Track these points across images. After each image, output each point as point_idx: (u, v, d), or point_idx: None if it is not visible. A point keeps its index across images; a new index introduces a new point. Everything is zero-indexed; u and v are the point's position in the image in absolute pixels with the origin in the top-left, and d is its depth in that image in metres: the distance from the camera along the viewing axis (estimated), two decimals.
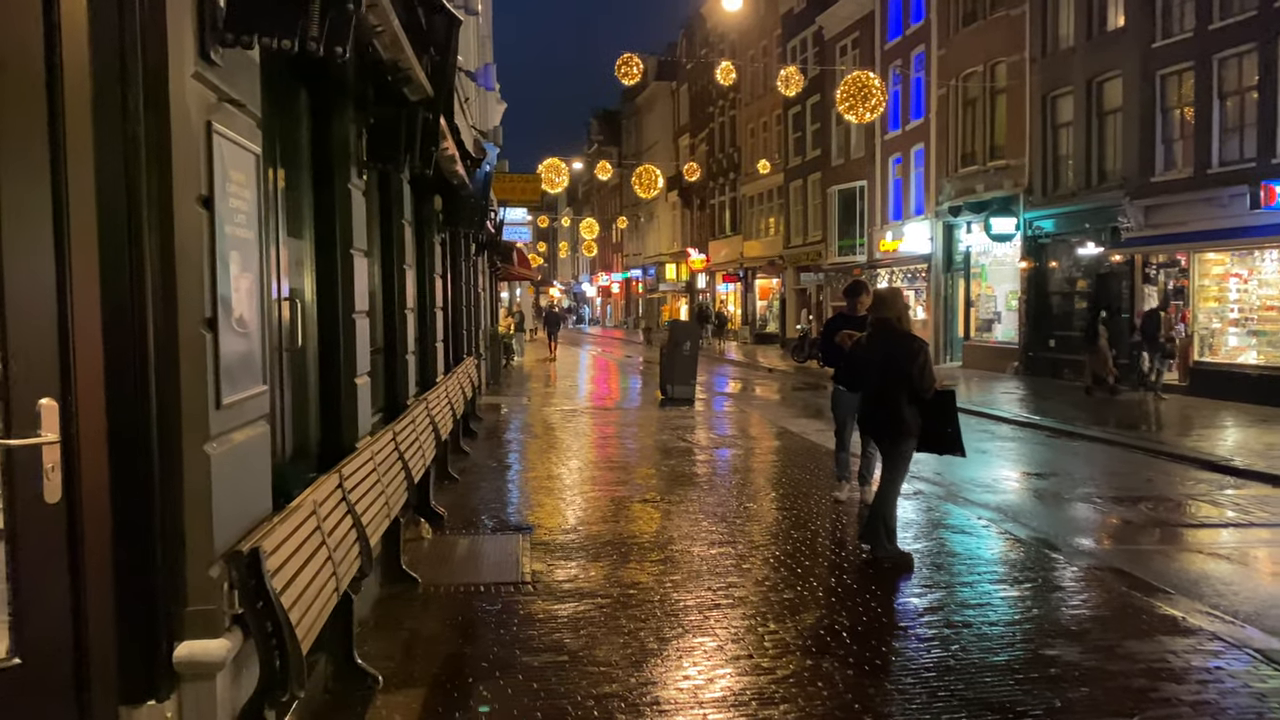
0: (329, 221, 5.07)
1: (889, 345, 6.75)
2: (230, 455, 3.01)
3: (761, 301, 45.80)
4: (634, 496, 8.92)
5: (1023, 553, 7.04)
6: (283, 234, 4.36)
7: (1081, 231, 22.52)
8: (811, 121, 38.21)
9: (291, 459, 4.46)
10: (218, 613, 2.85)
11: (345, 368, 5.17)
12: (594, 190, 77.03)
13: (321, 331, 5.04)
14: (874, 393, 6.86)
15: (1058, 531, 8.20)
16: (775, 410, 17.60)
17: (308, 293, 5.00)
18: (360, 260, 5.42)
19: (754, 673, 4.68)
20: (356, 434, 5.26)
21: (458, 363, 12.70)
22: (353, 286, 5.21)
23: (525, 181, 18.51)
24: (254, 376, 3.30)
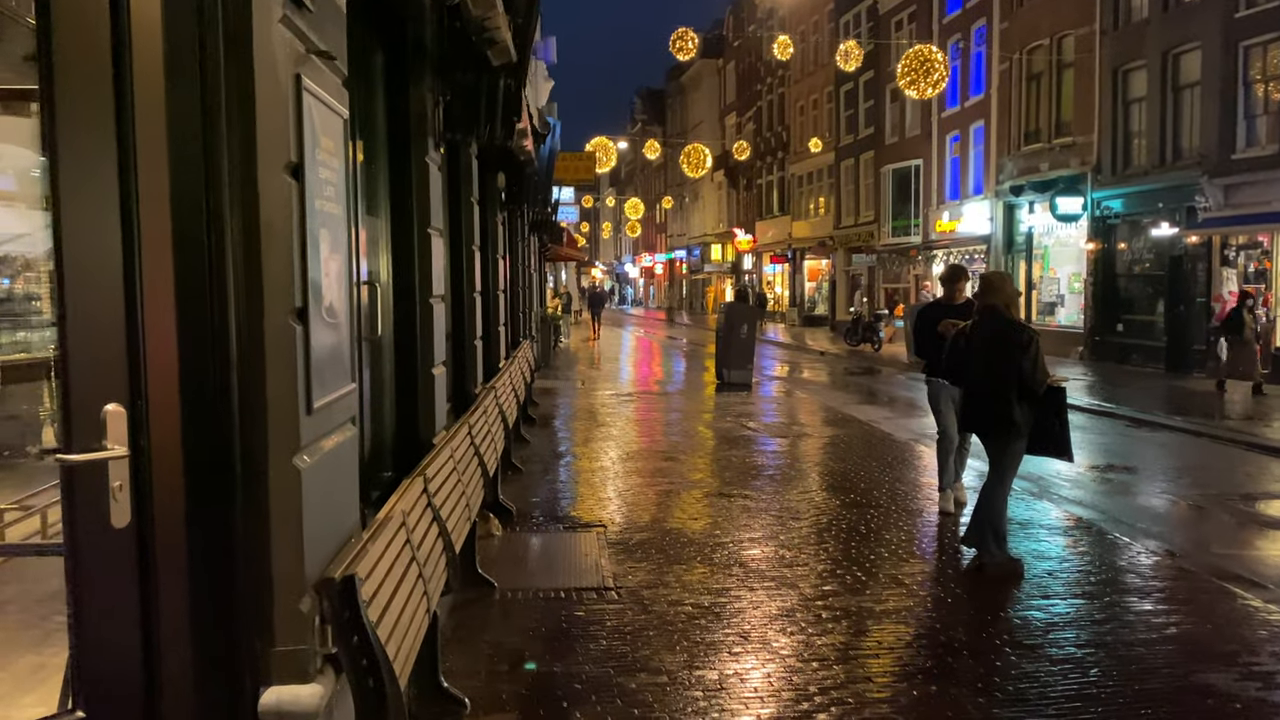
0: (406, 198, 4.65)
1: (997, 335, 6.21)
2: (321, 467, 2.59)
3: (810, 283, 45.03)
4: (705, 490, 8.46)
5: (1139, 558, 6.49)
6: (360, 212, 3.93)
7: (1154, 212, 21.61)
8: (864, 99, 37.29)
9: (370, 459, 4.06)
10: (309, 653, 2.44)
11: (423, 357, 4.76)
12: (638, 170, 76.39)
13: (398, 318, 4.63)
14: (980, 388, 6.31)
15: (1169, 534, 7.63)
16: (836, 396, 17.05)
17: (384, 275, 4.59)
18: (437, 240, 5.00)
19: (875, 702, 4.21)
20: (434, 428, 4.86)
21: (515, 347, 12.31)
22: (430, 268, 4.79)
23: (578, 160, 18.03)
24: (343, 373, 2.88)
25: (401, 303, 4.65)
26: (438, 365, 4.97)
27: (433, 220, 4.82)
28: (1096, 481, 9.84)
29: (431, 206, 4.82)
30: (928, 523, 7.43)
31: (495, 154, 7.80)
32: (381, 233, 4.58)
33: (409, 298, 4.64)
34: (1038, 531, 7.14)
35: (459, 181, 6.67)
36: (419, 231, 4.72)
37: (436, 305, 4.95)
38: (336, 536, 2.76)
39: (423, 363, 4.75)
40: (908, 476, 9.29)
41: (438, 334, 4.97)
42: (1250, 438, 12.26)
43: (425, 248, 4.75)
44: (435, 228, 4.92)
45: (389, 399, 4.66)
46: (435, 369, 4.93)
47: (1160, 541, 7.23)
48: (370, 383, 4.31)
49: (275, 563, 2.37)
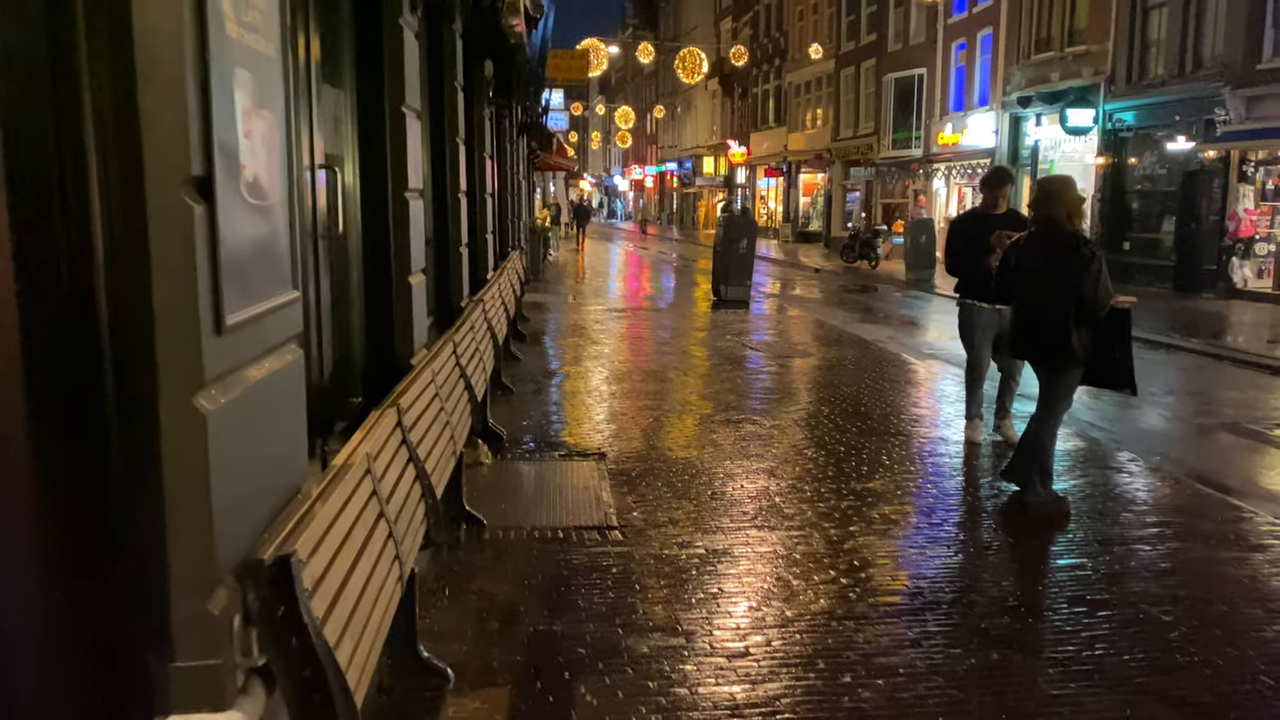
0: (375, 68, 3.84)
1: (1055, 250, 5.47)
2: (242, 405, 1.87)
3: (805, 198, 43.93)
4: (709, 414, 7.80)
5: (1191, 499, 5.88)
6: (315, 79, 3.12)
7: (1170, 125, 20.69)
8: (867, 3, 35.73)
9: (330, 384, 3.33)
10: (225, 668, 1.75)
11: (398, 262, 4.01)
12: (628, 78, 74.26)
13: (367, 214, 3.86)
14: (1034, 311, 5.57)
15: (1214, 468, 7.03)
16: (837, 314, 16.35)
17: (349, 163, 3.80)
18: (414, 123, 4.19)
19: (929, 673, 3.59)
20: (412, 348, 4.14)
21: (504, 258, 11.52)
22: (404, 156, 4.01)
23: (571, 58, 16.89)
24: (278, 276, 2.14)
25: (371, 195, 3.88)
26: (416, 273, 4.23)
27: (408, 97, 4.01)
28: (1122, 408, 9.23)
29: (406, 80, 4.01)
30: (956, 454, 6.79)
31: (482, 35, 6.92)
32: (346, 109, 3.77)
33: (379, 189, 3.87)
34: (1073, 466, 6.52)
35: (441, 62, 5.82)
36: (391, 109, 3.92)
37: (414, 201, 4.18)
38: (270, 500, 2.05)
39: (398, 269, 4.01)
40: (926, 401, 8.65)
41: (415, 236, 4.21)
42: (1264, 359, 11.67)
43: (399, 130, 3.96)
44: (411, 107, 4.11)
45: (357, 311, 3.92)
46: (413, 277, 4.19)
47: (1202, 474, 6.63)
48: (333, 292, 3.57)
49: (172, 545, 1.67)
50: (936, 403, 8.59)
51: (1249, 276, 18.63)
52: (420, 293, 4.34)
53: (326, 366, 3.29)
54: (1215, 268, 19.13)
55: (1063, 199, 5.54)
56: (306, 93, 2.99)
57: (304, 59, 2.97)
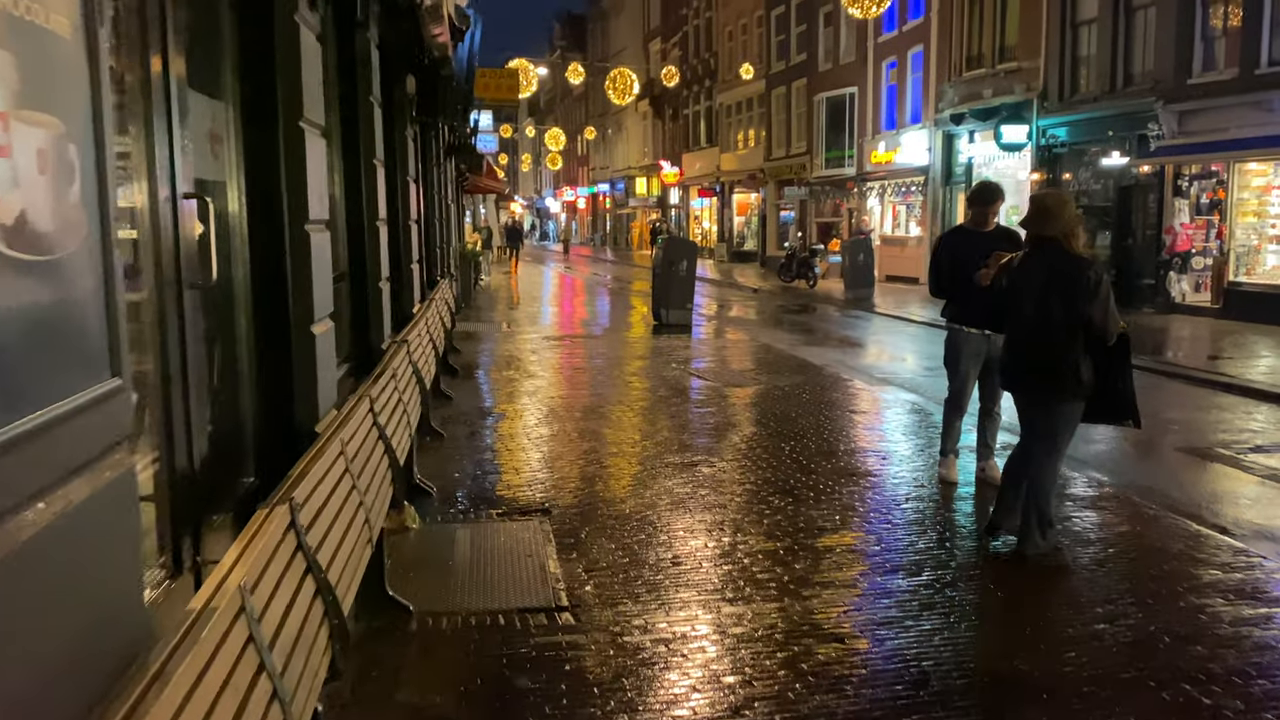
0: (264, 75, 3.13)
1: (1056, 273, 4.94)
2: (13, 572, 1.16)
3: (739, 217, 43.74)
4: (662, 456, 7.16)
5: (1191, 543, 5.38)
6: (176, 81, 2.41)
7: (1103, 140, 20.74)
8: (797, 23, 35.74)
9: (208, 469, 2.60)
10: None
11: (297, 308, 3.30)
12: (558, 99, 73.79)
13: (256, 252, 3.15)
14: (1035, 340, 5.03)
15: (1203, 502, 6.59)
16: (781, 336, 15.87)
17: (231, 191, 3.08)
18: (316, 142, 3.49)
19: None
20: (317, 410, 3.42)
21: (432, 287, 10.77)
22: (304, 181, 3.30)
23: (500, 77, 16.24)
24: (83, 363, 1.43)
25: (262, 229, 3.16)
26: (321, 320, 3.51)
27: (307, 111, 3.31)
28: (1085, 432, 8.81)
29: (305, 91, 3.31)
30: (933, 496, 6.24)
31: (403, 46, 6.23)
32: (227, 124, 3.06)
33: (272, 222, 3.16)
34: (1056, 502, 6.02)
35: (354, 74, 5.11)
36: (286, 125, 3.21)
37: (317, 234, 3.47)
38: (79, 687, 1.35)
39: (297, 316, 3.29)
40: (890, 434, 8.12)
41: (319, 275, 3.49)
42: (1224, 377, 11.44)
43: (297, 150, 3.25)
44: (312, 122, 3.41)
45: (246, 372, 3.20)
46: (318, 325, 3.47)
47: (1185, 506, 6.18)
48: (206, 351, 2.84)
49: None
50: (901, 435, 8.06)
51: (1187, 290, 18.65)
52: (328, 342, 3.63)
53: (199, 449, 2.57)
54: (1154, 282, 19.14)
55: (1061, 217, 5.03)
56: (164, 101, 2.29)
57: (158, 57, 2.27)
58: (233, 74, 3.05)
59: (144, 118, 2.18)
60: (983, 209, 6.36)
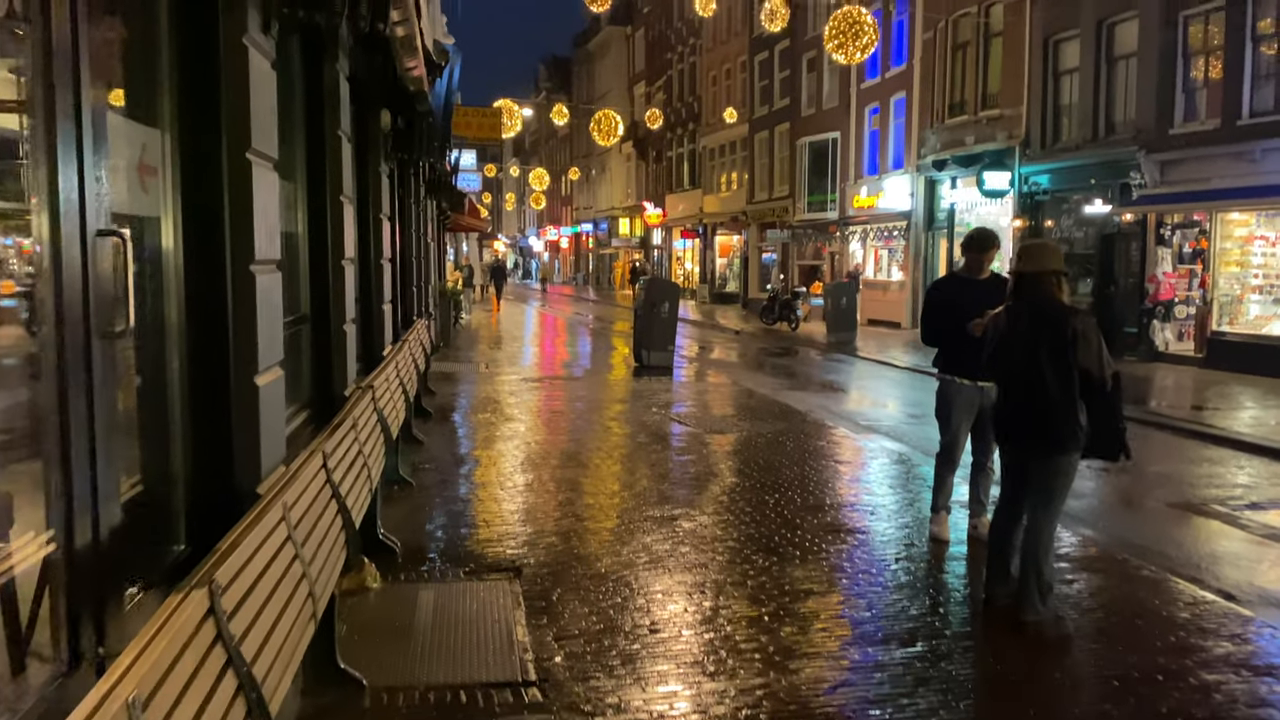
0: (207, 99, 2.85)
1: (1043, 322, 4.77)
2: None
3: (721, 259, 43.73)
4: (641, 509, 6.84)
5: (1196, 609, 5.10)
6: (91, 106, 2.12)
7: (1085, 188, 20.78)
8: (780, 69, 35.98)
9: (105, 557, 2.27)
10: None
11: (239, 357, 2.98)
12: (542, 140, 74.07)
13: (193, 294, 2.85)
14: (1031, 392, 4.80)
15: (1203, 564, 6.33)
16: (764, 380, 15.60)
17: (165, 227, 2.79)
18: (266, 175, 3.21)
19: None
20: (259, 471, 3.09)
21: (408, 327, 10.46)
22: (250, 218, 3.01)
23: (483, 116, 16.06)
24: None
25: (200, 269, 2.86)
26: (268, 369, 3.20)
27: (256, 141, 3.03)
28: (1084, 494, 8.56)
29: (255, 120, 3.03)
30: (924, 556, 5.94)
31: (376, 79, 5.99)
32: (162, 153, 2.77)
33: (212, 262, 2.86)
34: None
35: (321, 106, 4.85)
36: (233, 156, 2.92)
37: (265, 275, 3.17)
38: None
39: (239, 366, 2.98)
40: (877, 487, 7.83)
41: (267, 320, 3.19)
42: (1212, 429, 11.25)
43: (242, 183, 2.96)
44: (262, 154, 3.12)
45: (178, 430, 2.88)
46: (264, 375, 3.16)
47: (1183, 569, 5.91)
48: (125, 407, 2.53)
49: None
50: (888, 488, 7.78)
51: (1170, 339, 18.57)
52: (275, 393, 3.31)
53: (108, 518, 2.24)
54: (1136, 331, 19.05)
55: (1051, 265, 4.87)
56: (72, 127, 1.99)
57: (68, 78, 1.98)
58: (170, 99, 2.77)
59: (45, 146, 1.89)
60: (978, 256, 6.14)
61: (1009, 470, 5.03)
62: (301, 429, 4.47)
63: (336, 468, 3.84)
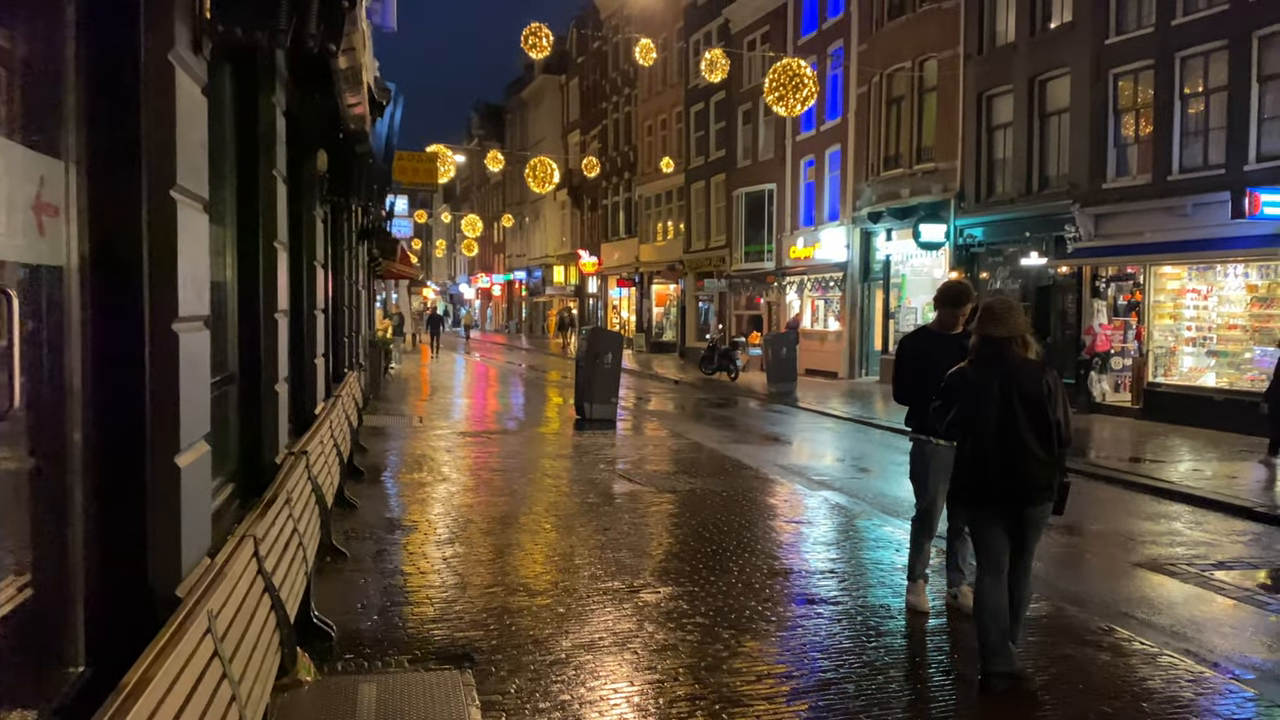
0: (123, 124, 2.38)
1: (1017, 380, 4.70)
2: None
3: (658, 308, 43.58)
4: (598, 580, 6.35)
5: (1193, 685, 4.80)
6: None
7: (1020, 241, 21.04)
8: (716, 120, 36.21)
9: None
10: None
11: (156, 435, 2.48)
12: (474, 186, 73.64)
13: (101, 360, 2.34)
14: (1007, 450, 4.67)
15: (1177, 629, 6.06)
16: (710, 433, 15.23)
17: (71, 280, 2.29)
18: (195, 217, 2.73)
19: None
20: (179, 570, 2.58)
21: (339, 381, 9.87)
22: (175, 266, 2.52)
23: (419, 160, 15.59)
24: None
25: (111, 330, 2.36)
26: (190, 447, 2.69)
27: (182, 178, 2.55)
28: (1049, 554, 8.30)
29: (181, 152, 2.55)
30: (902, 629, 5.56)
31: (314, 115, 5.53)
32: (65, 189, 2.28)
33: (127, 320, 2.37)
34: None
35: (255, 142, 4.36)
36: (153, 195, 2.44)
37: (190, 336, 2.67)
38: None
39: (156, 447, 2.47)
40: (845, 549, 7.46)
41: (192, 388, 2.69)
42: (1161, 482, 11.18)
43: (166, 226, 2.48)
44: (189, 192, 2.65)
45: (79, 525, 2.35)
46: (186, 455, 2.65)
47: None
48: None
49: None
50: (853, 551, 7.41)
51: (1107, 390, 18.74)
52: (200, 474, 2.80)
53: None
54: (1074, 382, 19.15)
55: (1015, 322, 4.81)
56: None
57: None
58: (76, 123, 2.29)
59: None
60: (952, 310, 5.86)
61: (990, 536, 4.80)
62: (227, 506, 3.93)
63: (269, 554, 3.32)
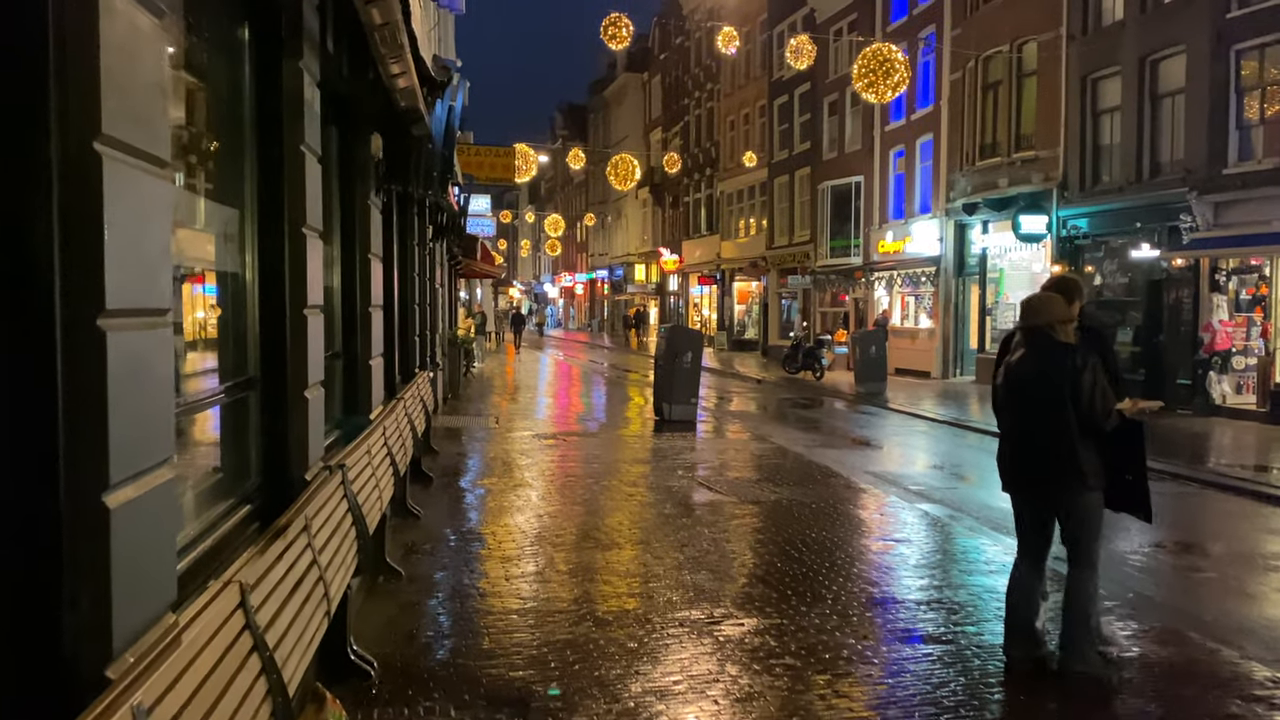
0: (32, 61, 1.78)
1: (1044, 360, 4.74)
2: None
3: (740, 306, 42.70)
4: (675, 609, 5.67)
5: None
6: None
7: (1130, 231, 19.67)
8: (800, 112, 35.18)
9: None
10: None
11: (77, 467, 1.88)
12: (558, 187, 73.69)
13: None
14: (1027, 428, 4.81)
15: None
16: (795, 437, 14.41)
17: None
18: (153, 187, 2.13)
19: None
20: (107, 651, 1.97)
21: (407, 381, 9.38)
22: (100, 248, 1.92)
23: (496, 155, 15.11)
24: None
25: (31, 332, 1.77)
26: (122, 486, 2.08)
27: (107, 126, 1.95)
28: (1123, 546, 7.34)
29: (110, 96, 1.95)
30: (1033, 679, 4.75)
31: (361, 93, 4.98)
32: None
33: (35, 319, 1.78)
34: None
35: (279, 112, 3.80)
36: (66, 145, 1.85)
37: (128, 335, 2.07)
38: None
39: (76, 480, 1.87)
40: (953, 574, 6.64)
41: (130, 401, 2.08)
42: None
43: (86, 189, 1.88)
44: (136, 151, 2.04)
45: None
46: (117, 493, 2.04)
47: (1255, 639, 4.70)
48: None
49: None
50: (962, 576, 6.59)
51: (1228, 392, 17.32)
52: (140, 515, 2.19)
53: None
54: (1190, 382, 17.80)
55: (1049, 311, 4.79)
56: None
57: None
58: None
59: None
60: None
61: (1025, 521, 4.95)
62: (238, 533, 3.36)
63: (268, 599, 2.72)
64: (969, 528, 8.14)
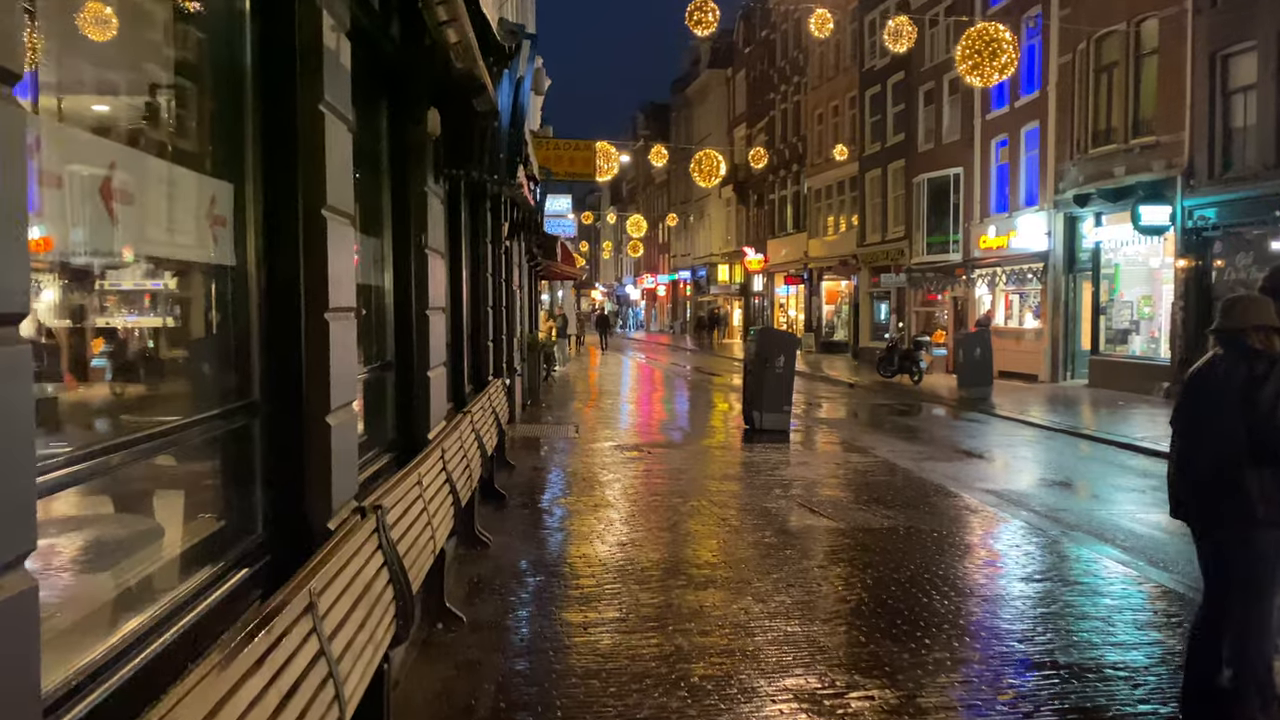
0: None
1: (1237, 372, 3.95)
2: None
3: (828, 306, 41.27)
4: (787, 670, 4.70)
5: None
6: None
7: (1268, 222, 17.91)
8: (893, 103, 33.70)
9: None
10: None
11: None
12: (640, 187, 73.01)
13: None
14: (1200, 450, 4.06)
15: None
16: (899, 448, 13.23)
17: None
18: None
19: None
20: None
21: (479, 390, 8.57)
22: None
23: (576, 149, 14.29)
24: None
25: None
26: None
27: None
28: None
29: None
30: None
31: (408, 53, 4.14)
32: None
33: None
34: None
35: (291, 66, 2.95)
36: None
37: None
38: None
39: None
40: (1118, 626, 5.51)
41: None
42: None
43: None
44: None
45: None
46: None
47: None
48: None
49: None
50: (1140, 632, 5.45)
51: None
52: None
53: None
54: None
55: (1251, 313, 3.96)
56: None
57: None
58: None
59: None
60: None
61: (1204, 561, 4.20)
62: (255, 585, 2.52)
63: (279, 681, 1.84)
64: (1133, 571, 6.92)
